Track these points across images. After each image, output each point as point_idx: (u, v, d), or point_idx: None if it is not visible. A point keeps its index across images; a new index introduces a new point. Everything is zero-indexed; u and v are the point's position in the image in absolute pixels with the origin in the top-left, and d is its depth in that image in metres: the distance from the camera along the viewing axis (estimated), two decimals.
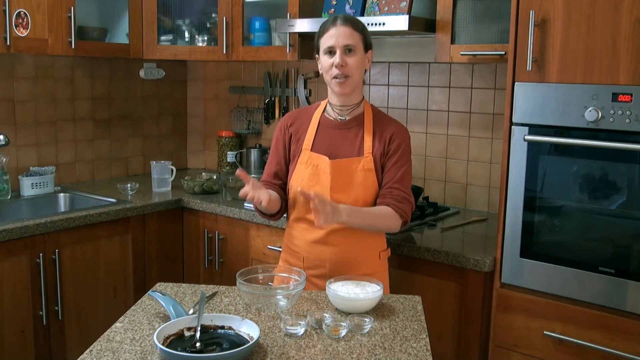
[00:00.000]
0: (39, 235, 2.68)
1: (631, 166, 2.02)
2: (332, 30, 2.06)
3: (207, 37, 3.46)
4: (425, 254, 2.41)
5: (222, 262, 3.12)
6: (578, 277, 2.12)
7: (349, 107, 2.15)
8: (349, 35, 2.05)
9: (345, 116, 2.15)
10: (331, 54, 2.07)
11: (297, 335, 1.64)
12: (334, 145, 2.12)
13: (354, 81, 2.08)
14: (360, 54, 2.08)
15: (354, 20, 2.10)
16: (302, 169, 2.12)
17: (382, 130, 2.13)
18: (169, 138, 3.96)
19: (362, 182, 2.08)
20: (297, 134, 2.19)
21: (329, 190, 2.05)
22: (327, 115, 2.19)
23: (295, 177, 2.14)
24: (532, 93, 2.15)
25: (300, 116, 2.23)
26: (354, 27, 2.07)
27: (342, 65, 2.04)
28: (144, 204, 3.07)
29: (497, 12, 2.55)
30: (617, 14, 1.97)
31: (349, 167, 2.08)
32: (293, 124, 2.21)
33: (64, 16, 2.96)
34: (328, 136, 2.15)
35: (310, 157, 2.12)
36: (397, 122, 2.21)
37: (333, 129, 2.15)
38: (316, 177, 2.09)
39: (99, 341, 1.60)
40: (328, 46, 2.06)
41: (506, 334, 2.27)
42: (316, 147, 2.13)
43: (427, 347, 1.61)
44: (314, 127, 2.17)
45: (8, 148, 3.11)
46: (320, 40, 2.10)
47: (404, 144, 2.14)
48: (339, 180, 2.07)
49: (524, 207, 2.21)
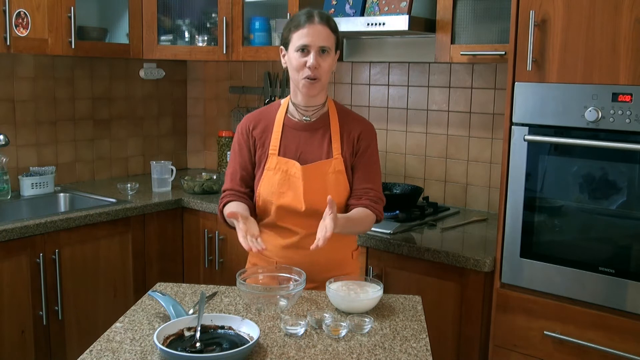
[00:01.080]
0: (39, 235, 2.68)
1: (631, 166, 2.02)
2: (308, 28, 1.95)
3: (207, 37, 3.46)
4: (425, 254, 2.40)
5: (222, 262, 3.12)
6: (578, 277, 2.12)
7: (315, 107, 2.07)
8: (326, 36, 1.97)
9: (310, 117, 2.07)
10: (304, 52, 1.96)
11: (297, 335, 1.64)
12: (301, 148, 2.05)
13: (323, 84, 2.01)
14: (333, 56, 2.01)
15: (329, 19, 2.01)
16: (271, 175, 2.03)
17: (350, 130, 2.08)
18: (169, 138, 3.96)
19: (335, 184, 2.02)
20: (261, 137, 2.08)
21: (302, 196, 1.99)
22: (291, 116, 2.09)
23: (264, 184, 2.04)
24: (532, 93, 2.15)
25: (262, 118, 2.11)
26: (330, 28, 1.99)
27: (316, 67, 1.95)
28: (144, 204, 3.07)
29: (497, 12, 2.55)
30: (617, 14, 1.97)
31: (320, 171, 2.02)
32: (256, 127, 2.10)
33: (64, 16, 2.96)
34: (294, 139, 2.06)
35: (278, 162, 2.03)
36: (363, 119, 2.15)
37: (299, 130, 2.07)
38: (287, 183, 2.01)
39: (99, 341, 1.60)
40: (303, 44, 1.95)
41: (506, 334, 2.27)
42: (283, 151, 2.04)
43: (427, 347, 1.61)
44: (279, 129, 2.07)
45: (8, 148, 3.11)
46: (292, 34, 1.99)
47: (372, 142, 2.10)
48: (311, 185, 2.00)
49: (524, 207, 2.21)
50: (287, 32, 2.02)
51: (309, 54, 1.96)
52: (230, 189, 2.11)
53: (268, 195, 2.03)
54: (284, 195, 2.01)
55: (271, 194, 2.03)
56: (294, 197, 2.00)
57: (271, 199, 2.03)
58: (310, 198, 1.99)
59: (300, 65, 1.97)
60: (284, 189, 2.02)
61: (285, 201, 2.01)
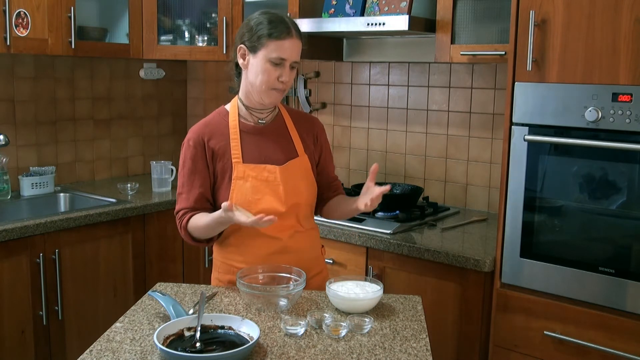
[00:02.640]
0: (38, 235, 2.68)
1: (631, 166, 2.02)
2: (288, 42, 1.91)
3: (207, 37, 3.46)
4: (425, 254, 2.40)
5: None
6: (578, 277, 2.12)
7: (268, 110, 2.05)
8: (299, 50, 1.96)
9: (265, 119, 2.04)
10: (277, 66, 1.92)
11: (297, 335, 1.64)
12: (264, 152, 2.00)
13: (285, 94, 2.01)
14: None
15: (300, 32, 1.98)
16: (241, 184, 1.95)
17: (306, 128, 2.10)
18: (169, 138, 3.96)
19: (306, 182, 2.04)
20: (220, 148, 1.98)
21: (284, 198, 1.96)
22: (245, 120, 2.03)
23: (236, 194, 1.95)
24: (532, 93, 2.15)
25: (214, 128, 2.01)
26: (301, 40, 1.97)
27: (288, 81, 1.95)
28: (144, 204, 3.07)
29: (497, 12, 2.55)
30: (617, 14, 1.97)
31: (294, 170, 2.01)
32: (212, 139, 1.99)
33: (64, 16, 2.96)
34: (254, 144, 2.01)
35: (245, 169, 1.96)
36: (311, 116, 2.20)
37: (256, 135, 2.02)
38: (260, 189, 1.95)
39: (99, 341, 1.60)
40: (279, 57, 1.90)
41: (506, 334, 2.27)
42: (247, 158, 1.98)
43: (427, 347, 1.61)
44: (236, 136, 1.99)
45: (8, 148, 3.11)
46: (268, 42, 1.90)
47: (325, 136, 2.17)
48: (289, 185, 1.98)
49: (524, 207, 2.21)
50: (261, 37, 1.92)
51: (282, 68, 1.92)
52: (192, 208, 1.98)
53: (243, 205, 1.93)
54: (261, 201, 1.95)
55: (247, 202, 1.95)
56: (272, 201, 1.96)
57: (248, 208, 1.93)
58: (290, 198, 1.99)
59: (272, 77, 1.93)
60: (259, 195, 1.96)
61: (263, 206, 1.95)
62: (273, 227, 1.90)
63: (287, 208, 1.97)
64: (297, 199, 2.00)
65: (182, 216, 1.99)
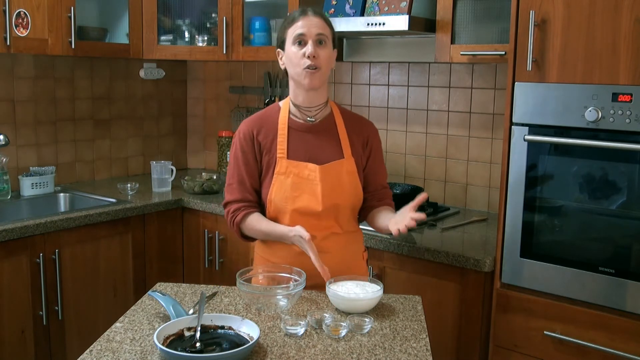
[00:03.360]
0: (39, 235, 2.68)
1: (631, 166, 2.02)
2: (302, 20, 1.94)
3: (207, 37, 3.46)
4: (425, 254, 2.40)
5: (222, 262, 3.12)
6: (578, 277, 2.12)
7: (317, 108, 2.04)
8: (322, 26, 1.95)
9: (314, 117, 2.04)
10: (301, 45, 1.94)
11: (297, 335, 1.64)
12: (310, 150, 2.01)
13: (323, 74, 1.97)
14: (330, 48, 1.98)
15: (324, 14, 2.01)
16: (282, 180, 1.98)
17: (357, 131, 2.08)
18: (169, 138, 3.97)
19: (349, 185, 2.02)
20: (266, 142, 2.02)
21: (321, 198, 1.96)
22: (295, 117, 2.05)
23: (276, 190, 1.99)
24: (532, 93, 2.15)
25: (264, 123, 2.06)
26: (325, 21, 1.98)
27: (315, 56, 1.92)
28: (144, 204, 3.07)
29: (497, 12, 2.55)
30: (617, 14, 1.97)
31: (336, 171, 2.00)
32: (260, 132, 2.03)
33: (64, 16, 2.96)
34: (302, 141, 2.02)
35: (288, 165, 1.98)
36: (365, 119, 2.17)
37: (305, 132, 2.03)
38: (300, 186, 1.97)
39: (99, 341, 1.60)
40: (298, 34, 1.93)
41: (506, 334, 2.27)
42: (292, 154, 2.00)
43: (427, 347, 1.61)
44: (284, 132, 2.02)
45: (8, 148, 3.11)
46: (287, 30, 1.97)
47: (379, 141, 2.15)
48: (328, 185, 1.98)
49: (524, 207, 2.21)
50: (282, 31, 2.00)
51: (305, 45, 1.94)
52: (240, 199, 2.03)
53: (281, 201, 1.98)
54: (299, 198, 1.97)
55: (285, 199, 1.98)
56: (310, 199, 1.97)
57: (285, 204, 1.98)
58: (328, 198, 1.98)
59: (299, 57, 1.94)
60: (298, 192, 1.98)
61: (301, 204, 1.98)
62: (309, 225, 1.93)
63: (323, 208, 1.97)
64: (336, 200, 1.99)
65: (234, 211, 2.03)
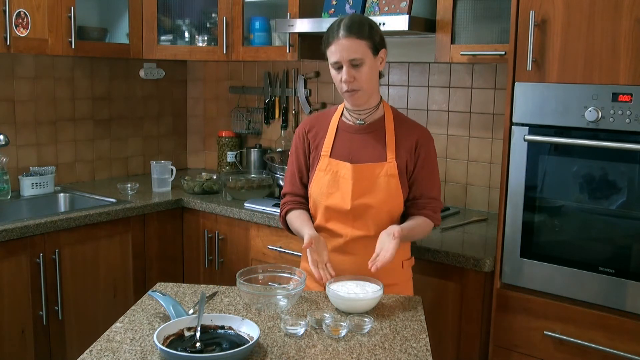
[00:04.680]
0: (39, 235, 2.68)
1: (631, 166, 2.02)
2: (335, 45, 1.95)
3: (207, 37, 3.46)
4: (425, 254, 2.40)
5: (222, 262, 3.12)
6: (578, 277, 2.12)
7: (367, 111, 2.07)
8: (354, 48, 1.93)
9: (364, 120, 2.08)
10: (339, 69, 1.98)
11: (297, 335, 1.64)
12: (354, 151, 2.05)
13: (365, 93, 2.00)
14: (369, 63, 1.96)
15: (358, 28, 1.94)
16: (322, 176, 2.06)
17: (406, 136, 2.06)
18: (169, 138, 3.96)
19: (386, 188, 2.01)
20: (315, 140, 2.12)
21: (350, 197, 1.99)
22: (345, 119, 2.11)
23: (314, 185, 2.07)
24: (532, 93, 2.15)
25: (319, 122, 2.15)
26: (359, 36, 1.93)
27: (350, 81, 1.96)
28: (144, 204, 3.07)
29: (497, 12, 2.55)
30: (617, 14, 1.97)
31: (371, 173, 2.01)
32: (311, 130, 2.14)
33: (64, 16, 2.96)
34: (348, 141, 2.07)
35: (329, 163, 2.05)
36: (419, 125, 2.14)
37: (352, 133, 2.08)
38: (336, 183, 2.02)
39: (99, 341, 1.60)
40: (334, 62, 1.97)
41: (506, 334, 2.27)
42: (335, 153, 2.06)
43: (427, 347, 1.61)
44: (333, 132, 2.09)
45: (8, 148, 3.11)
46: (326, 51, 2.01)
47: (431, 148, 2.09)
48: (360, 185, 2.00)
49: (524, 207, 2.21)
50: (324, 48, 2.03)
51: (342, 69, 1.97)
52: (290, 192, 2.16)
53: (318, 196, 2.06)
54: (332, 195, 2.02)
55: (320, 194, 2.05)
56: (341, 198, 2.01)
57: (320, 200, 2.05)
58: (357, 198, 2.00)
59: (338, 81, 2.00)
60: (333, 189, 2.03)
61: (333, 202, 2.03)
62: (338, 223, 2.02)
63: (352, 207, 1.99)
64: (367, 201, 2.00)
65: (282, 204, 2.17)
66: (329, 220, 2.05)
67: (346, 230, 2.03)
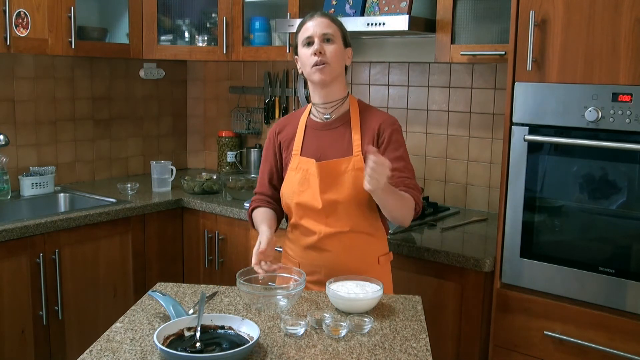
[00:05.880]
0: (39, 235, 2.68)
1: (631, 166, 2.02)
2: (310, 22, 2.04)
3: (207, 37, 3.46)
4: (425, 254, 2.40)
5: (222, 262, 3.12)
6: (578, 277, 2.12)
7: (333, 104, 2.08)
8: (327, 25, 2.03)
9: (330, 114, 2.09)
10: (309, 45, 2.02)
11: (297, 335, 1.64)
12: (322, 147, 2.07)
13: (333, 70, 2.01)
14: (339, 45, 2.04)
15: (331, 15, 2.09)
16: (293, 175, 2.08)
17: (369, 124, 2.06)
18: (169, 138, 3.96)
19: (353, 182, 2.01)
20: (286, 140, 2.15)
21: (319, 193, 2.01)
22: (313, 116, 2.14)
23: (285, 184, 2.10)
24: (532, 93, 2.15)
25: (289, 122, 2.19)
26: (332, 20, 2.06)
27: (321, 52, 1.99)
28: (144, 204, 3.07)
29: (497, 12, 2.55)
30: (617, 14, 1.97)
31: (337, 168, 2.02)
32: (281, 132, 2.17)
33: (64, 16, 2.96)
34: (316, 138, 2.10)
35: (300, 161, 2.08)
36: (383, 112, 2.14)
37: (319, 130, 2.10)
38: (307, 181, 2.04)
39: (99, 341, 1.60)
40: (306, 37, 2.03)
41: (506, 334, 2.27)
42: (305, 151, 2.09)
43: (427, 347, 1.61)
44: (302, 130, 2.12)
45: (8, 148, 3.11)
46: (298, 35, 2.08)
47: (394, 132, 2.05)
48: (327, 182, 2.01)
49: (524, 207, 2.21)
50: (295, 38, 2.10)
51: (312, 45, 2.02)
52: (259, 192, 2.20)
53: (289, 195, 2.08)
54: (304, 193, 2.04)
55: (292, 193, 2.07)
56: (312, 195, 2.02)
57: (292, 198, 2.07)
58: (327, 196, 2.01)
59: (308, 56, 2.03)
60: (304, 187, 2.05)
61: (304, 199, 2.04)
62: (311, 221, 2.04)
63: (323, 204, 2.01)
64: (335, 197, 2.01)
65: (251, 202, 2.21)
66: (302, 218, 2.06)
67: (319, 227, 2.03)
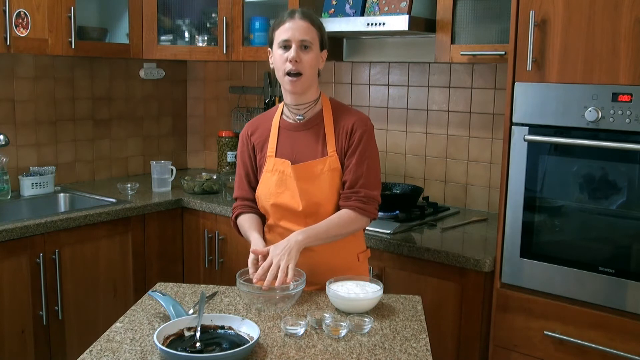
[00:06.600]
0: (39, 235, 2.68)
1: (631, 166, 2.02)
2: (288, 23, 1.96)
3: (207, 37, 3.46)
4: (425, 254, 2.40)
5: (222, 262, 3.12)
6: (578, 277, 2.12)
7: (306, 105, 2.05)
8: (307, 30, 1.95)
9: (304, 115, 2.06)
10: (286, 49, 1.96)
11: (297, 335, 1.64)
12: (297, 149, 2.04)
13: (306, 79, 1.98)
14: (316, 52, 1.99)
15: (312, 16, 2.00)
16: (269, 177, 2.04)
17: (343, 125, 2.02)
18: (169, 138, 3.96)
19: (330, 183, 2.00)
20: (259, 142, 2.10)
21: (299, 197, 1.98)
22: (286, 117, 2.09)
23: (261, 186, 2.06)
24: (532, 93, 2.15)
25: (261, 123, 2.13)
26: (312, 23, 1.98)
27: (297, 60, 1.94)
28: (144, 204, 3.07)
29: (497, 12, 2.55)
30: (617, 14, 1.97)
31: (313, 170, 2.00)
32: (254, 133, 2.12)
33: (64, 16, 2.96)
34: (290, 139, 2.06)
35: (275, 163, 2.04)
36: (357, 112, 2.10)
37: (293, 131, 2.06)
38: (284, 183, 2.01)
39: (99, 341, 1.60)
40: (283, 39, 1.95)
41: (506, 334, 2.27)
42: (280, 153, 2.05)
43: (427, 347, 1.61)
44: (275, 132, 2.07)
45: (8, 148, 3.11)
46: (275, 32, 1.99)
47: (365, 134, 2.01)
48: (305, 185, 1.99)
49: (524, 207, 2.21)
50: (272, 32, 2.02)
51: (288, 49, 1.96)
52: (239, 197, 2.15)
53: (265, 197, 2.05)
54: (281, 195, 2.01)
55: (268, 194, 2.03)
56: (291, 197, 2.00)
57: (268, 199, 2.04)
58: (307, 198, 1.99)
59: (282, 61, 1.96)
60: (281, 189, 2.02)
61: (283, 200, 2.01)
62: (291, 222, 2.02)
63: (303, 207, 1.98)
64: (316, 199, 1.99)
65: (234, 209, 2.16)
66: (281, 220, 2.04)
67: (299, 228, 1.97)
